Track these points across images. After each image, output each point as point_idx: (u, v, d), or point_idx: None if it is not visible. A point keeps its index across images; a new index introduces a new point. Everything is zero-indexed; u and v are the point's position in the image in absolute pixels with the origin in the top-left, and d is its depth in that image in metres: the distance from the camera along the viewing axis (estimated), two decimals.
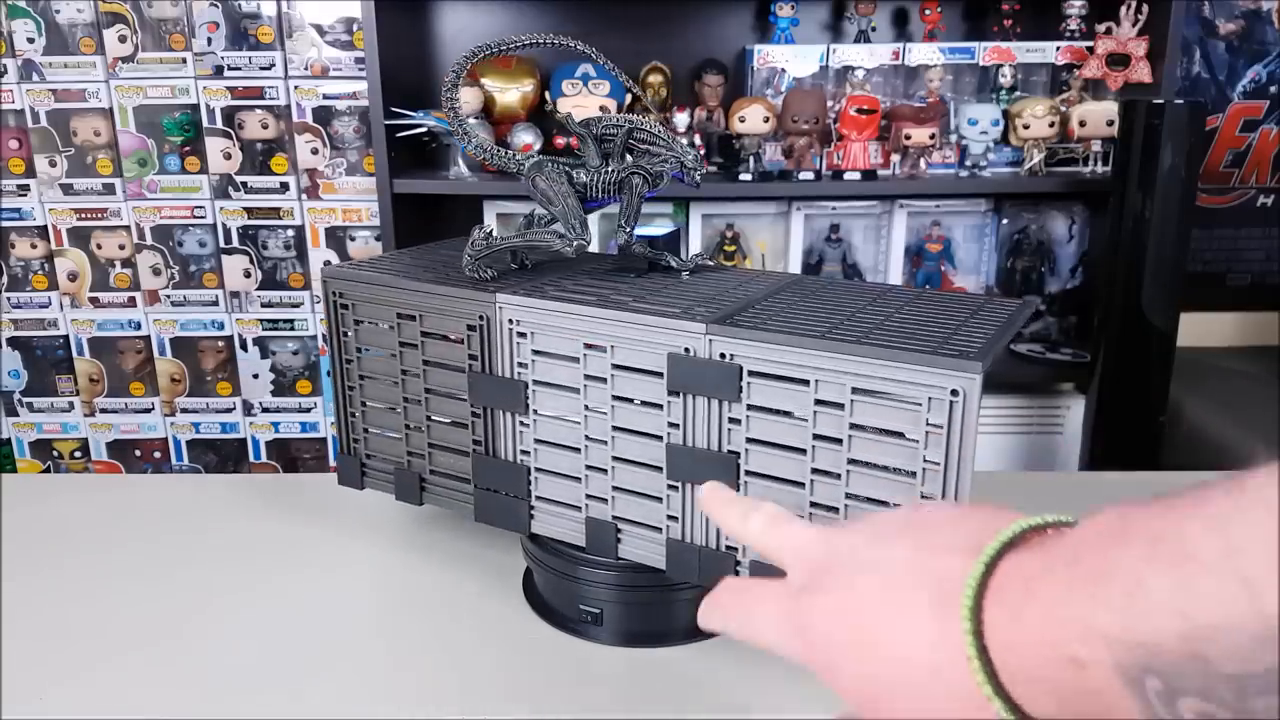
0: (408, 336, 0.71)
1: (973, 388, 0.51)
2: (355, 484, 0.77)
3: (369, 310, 0.72)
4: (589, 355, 0.63)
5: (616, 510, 0.65)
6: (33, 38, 1.84)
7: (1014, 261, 1.96)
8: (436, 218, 1.98)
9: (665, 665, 0.66)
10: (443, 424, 0.71)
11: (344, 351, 0.75)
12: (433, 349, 0.70)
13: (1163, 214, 1.53)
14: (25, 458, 2.06)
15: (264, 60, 1.85)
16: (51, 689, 0.63)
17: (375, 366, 0.74)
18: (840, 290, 0.68)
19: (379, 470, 0.76)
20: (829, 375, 0.55)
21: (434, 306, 0.69)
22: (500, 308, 0.65)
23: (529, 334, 0.65)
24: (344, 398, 0.76)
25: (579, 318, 0.62)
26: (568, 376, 0.64)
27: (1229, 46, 1.92)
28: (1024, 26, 1.85)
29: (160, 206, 1.92)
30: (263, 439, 2.04)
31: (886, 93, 1.87)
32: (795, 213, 1.92)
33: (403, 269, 0.74)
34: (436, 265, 0.75)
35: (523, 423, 0.67)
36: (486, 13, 1.94)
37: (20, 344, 2.00)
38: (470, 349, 0.67)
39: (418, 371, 0.71)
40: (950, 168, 1.86)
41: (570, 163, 0.70)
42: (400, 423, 0.73)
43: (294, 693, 0.63)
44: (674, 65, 1.84)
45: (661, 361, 0.59)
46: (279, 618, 0.71)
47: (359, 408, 0.75)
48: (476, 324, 0.67)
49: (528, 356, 0.65)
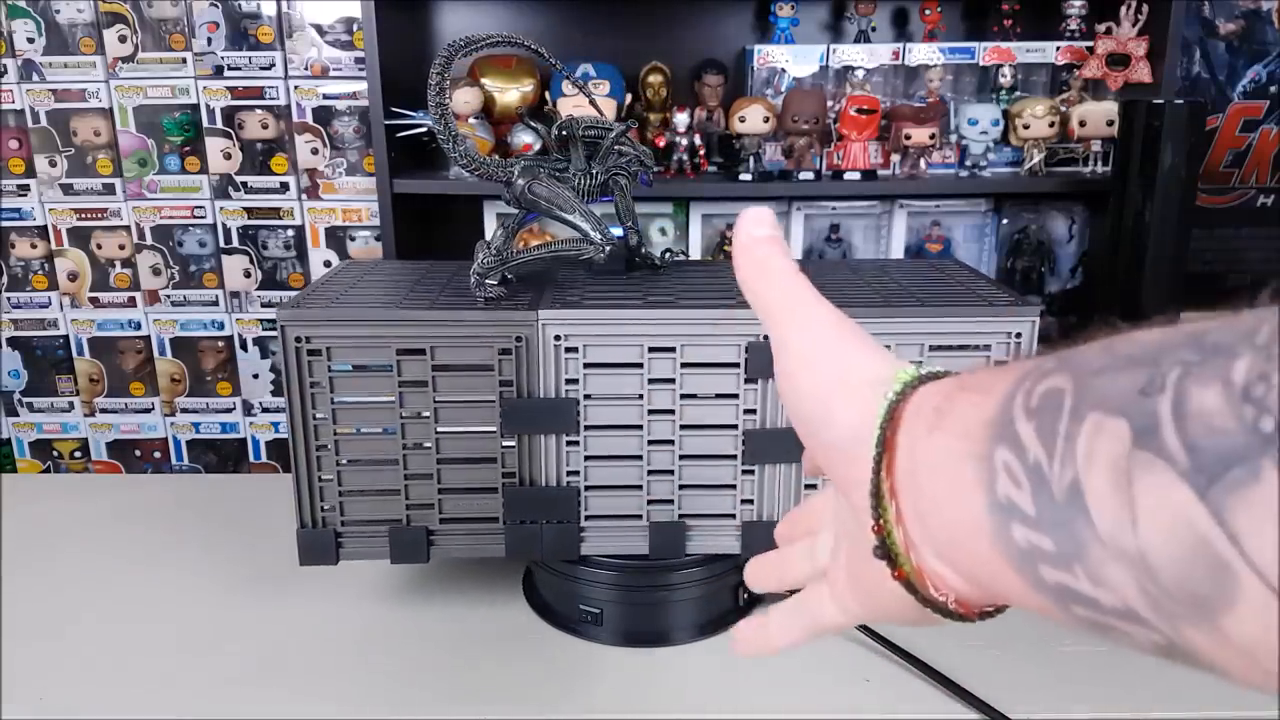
0: (413, 375, 0.62)
1: (1031, 329, 0.61)
2: (327, 559, 0.66)
3: (349, 354, 0.62)
4: (651, 359, 0.62)
5: (684, 509, 0.65)
6: (33, 38, 1.84)
7: (1014, 261, 1.96)
8: (436, 218, 1.98)
9: (665, 665, 0.66)
10: (457, 465, 0.64)
11: (310, 407, 0.63)
12: (446, 385, 0.63)
13: (1163, 214, 1.53)
14: (25, 458, 2.06)
15: (264, 60, 1.85)
16: (51, 689, 0.63)
17: (356, 419, 0.63)
18: (834, 267, 0.72)
19: (360, 537, 0.66)
20: (904, 338, 0.61)
21: (449, 336, 0.61)
22: (544, 325, 0.61)
23: (580, 348, 0.61)
24: (309, 463, 0.64)
25: (639, 323, 0.61)
26: (628, 385, 0.62)
27: (1229, 46, 1.92)
28: (1024, 26, 1.85)
29: (160, 206, 1.92)
30: (263, 439, 2.04)
31: (886, 93, 1.87)
32: (795, 213, 1.92)
33: (382, 299, 0.64)
34: (420, 290, 0.67)
35: (570, 442, 0.63)
36: (486, 13, 1.94)
37: (20, 344, 2.00)
38: (503, 375, 0.62)
39: (426, 414, 0.62)
40: (950, 168, 1.86)
41: (554, 167, 0.69)
42: (397, 477, 0.64)
43: (294, 692, 0.63)
44: (674, 65, 1.84)
45: (734, 353, 0.61)
46: (279, 617, 0.71)
47: (332, 471, 0.64)
48: (511, 347, 0.61)
49: (578, 372, 0.62)
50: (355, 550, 0.66)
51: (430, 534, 0.66)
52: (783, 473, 0.65)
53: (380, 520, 0.65)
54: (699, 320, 0.61)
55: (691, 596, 0.68)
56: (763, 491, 0.65)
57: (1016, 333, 0.61)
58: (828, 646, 0.67)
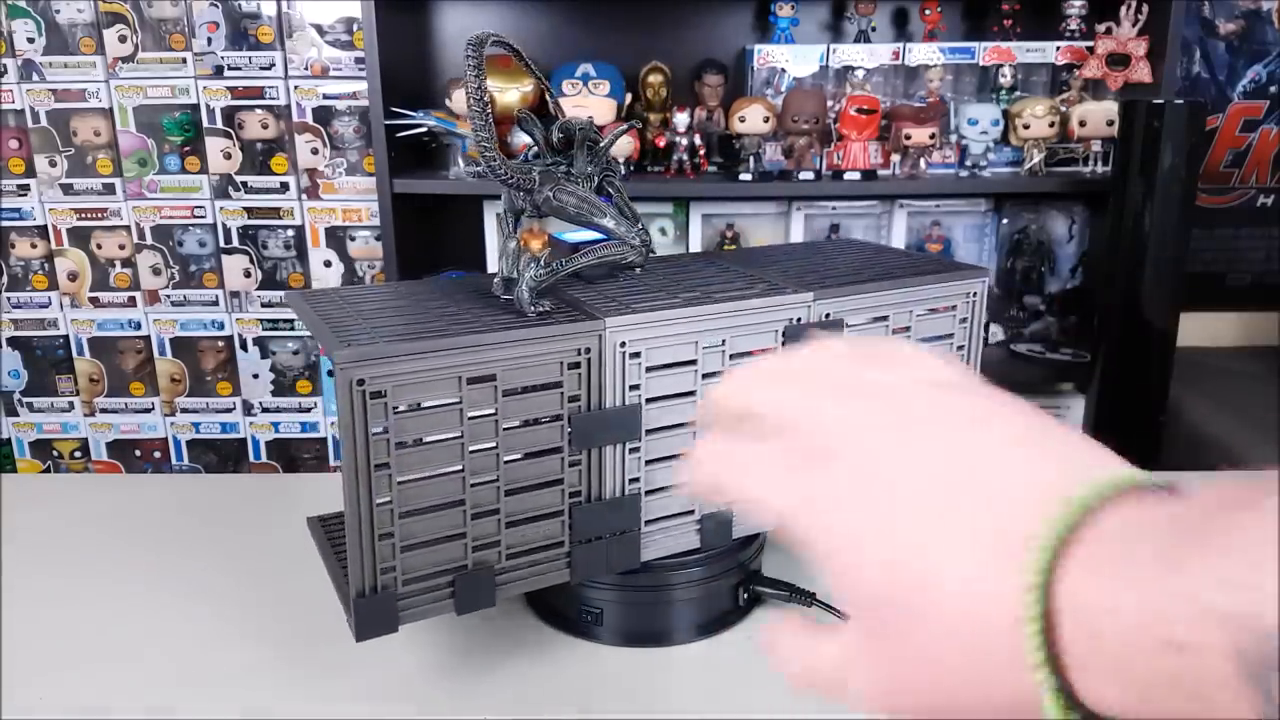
0: (478, 403, 0.56)
1: (984, 287, 0.71)
2: (388, 628, 0.57)
3: (412, 392, 0.54)
4: (711, 354, 0.63)
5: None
6: (33, 38, 1.84)
7: (1014, 261, 1.96)
8: (436, 218, 1.98)
9: (665, 665, 0.66)
10: (523, 493, 0.60)
11: (372, 456, 0.54)
12: (510, 408, 0.58)
13: (1163, 214, 1.53)
14: (25, 458, 2.06)
15: (264, 60, 1.85)
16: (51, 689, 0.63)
17: (419, 460, 0.56)
18: (765, 254, 0.79)
19: (419, 593, 0.58)
20: (899, 309, 0.68)
21: (516, 357, 0.57)
22: (609, 333, 0.59)
23: (641, 352, 0.60)
24: (372, 519, 0.55)
25: (692, 320, 0.61)
26: (682, 383, 0.62)
27: (1229, 46, 1.92)
28: (1024, 26, 1.85)
29: (160, 206, 1.92)
30: (263, 439, 2.04)
31: (886, 93, 1.87)
32: (795, 212, 1.92)
33: (429, 326, 0.57)
34: (453, 312, 0.61)
35: (633, 449, 0.62)
36: (486, 13, 1.94)
37: (20, 344, 2.00)
38: (570, 390, 0.59)
39: (491, 444, 0.57)
40: (950, 168, 1.86)
41: (564, 170, 0.68)
42: (459, 517, 0.58)
43: (294, 692, 0.63)
44: (674, 65, 1.84)
45: (772, 338, 0.64)
46: (279, 617, 0.71)
47: (391, 526, 0.56)
48: (580, 359, 0.59)
49: (640, 377, 0.61)
50: (416, 610, 0.58)
51: (496, 573, 0.60)
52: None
53: (441, 570, 0.58)
54: (742, 311, 0.63)
55: (691, 596, 0.68)
56: None
57: (974, 292, 0.71)
58: None
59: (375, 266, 1.93)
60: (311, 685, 0.64)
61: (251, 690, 0.63)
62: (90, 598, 0.74)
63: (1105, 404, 1.63)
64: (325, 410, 2.01)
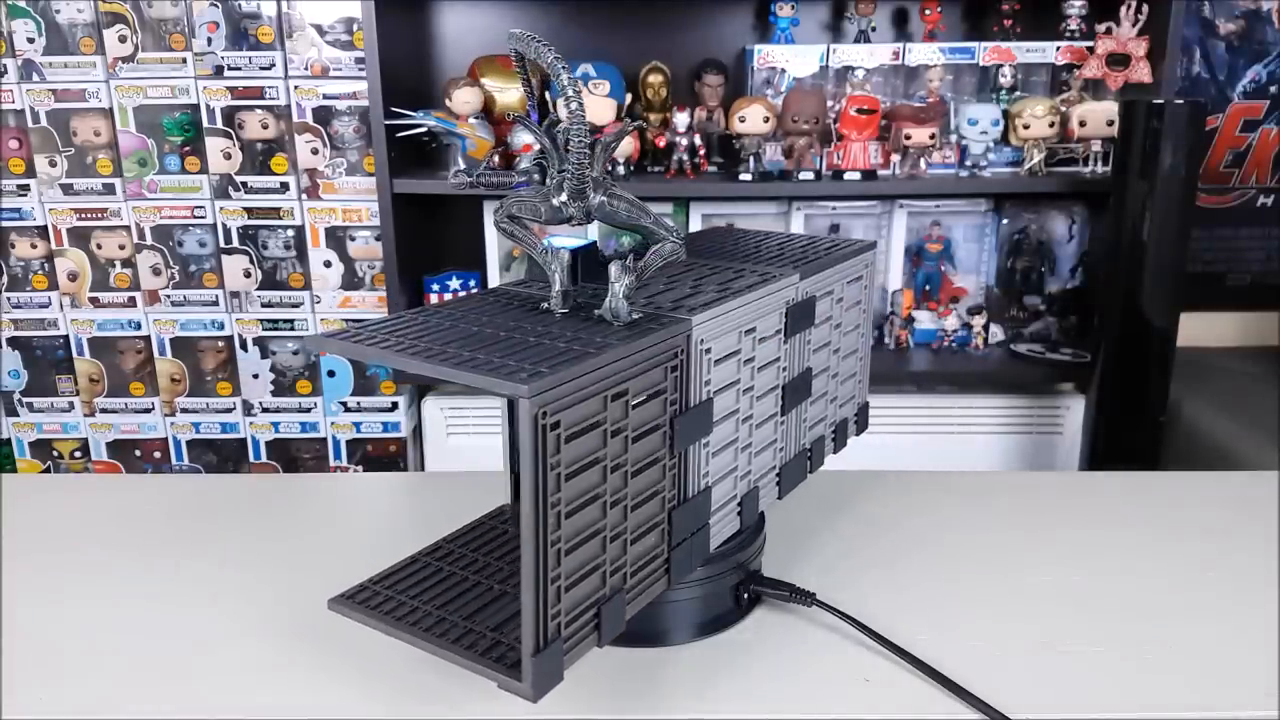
0: (615, 420, 0.54)
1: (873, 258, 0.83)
2: (556, 680, 0.52)
3: (574, 415, 0.51)
4: (747, 340, 0.66)
5: (754, 469, 0.69)
6: (33, 38, 1.84)
7: (1014, 261, 1.96)
8: (436, 218, 1.98)
9: (665, 665, 0.66)
10: (640, 506, 0.58)
11: (548, 491, 0.50)
12: (634, 420, 0.55)
13: (1163, 214, 1.53)
14: (25, 458, 2.06)
15: (264, 60, 1.85)
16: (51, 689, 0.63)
17: (575, 490, 0.52)
18: (734, 238, 0.84)
19: (572, 635, 0.54)
20: (840, 283, 0.77)
21: (635, 367, 0.55)
22: (695, 330, 0.59)
23: (710, 347, 0.61)
24: (547, 562, 0.50)
25: (741, 310, 0.64)
26: (735, 371, 0.65)
27: (1229, 46, 1.92)
28: (1024, 26, 1.85)
29: (160, 206, 1.92)
30: (263, 439, 2.04)
31: (886, 93, 1.87)
32: (795, 213, 1.92)
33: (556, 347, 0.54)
34: (527, 327, 0.58)
35: (704, 444, 0.62)
36: (487, 13, 1.94)
37: (20, 344, 2.00)
38: (670, 394, 0.58)
39: (621, 460, 0.55)
40: (950, 168, 1.86)
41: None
42: (602, 544, 0.55)
43: (294, 692, 0.63)
44: (674, 65, 1.84)
45: (778, 319, 0.69)
46: (279, 617, 0.71)
47: (560, 568, 0.51)
48: (677, 361, 0.58)
49: (710, 370, 0.61)
50: (573, 652, 0.54)
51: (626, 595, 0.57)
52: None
53: (590, 603, 0.55)
54: (763, 294, 0.66)
55: (691, 596, 0.68)
56: (790, 433, 0.73)
57: (869, 263, 0.82)
58: (828, 646, 0.67)
59: (375, 267, 1.93)
60: (311, 685, 0.64)
61: (251, 690, 0.63)
62: (90, 597, 0.74)
63: (1105, 404, 1.63)
64: (325, 410, 2.01)
